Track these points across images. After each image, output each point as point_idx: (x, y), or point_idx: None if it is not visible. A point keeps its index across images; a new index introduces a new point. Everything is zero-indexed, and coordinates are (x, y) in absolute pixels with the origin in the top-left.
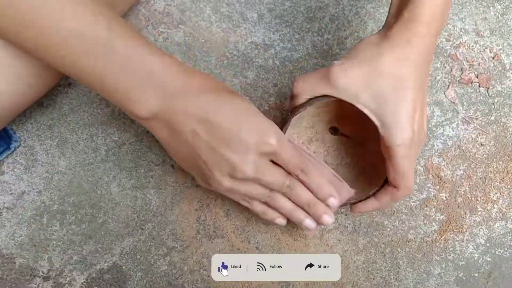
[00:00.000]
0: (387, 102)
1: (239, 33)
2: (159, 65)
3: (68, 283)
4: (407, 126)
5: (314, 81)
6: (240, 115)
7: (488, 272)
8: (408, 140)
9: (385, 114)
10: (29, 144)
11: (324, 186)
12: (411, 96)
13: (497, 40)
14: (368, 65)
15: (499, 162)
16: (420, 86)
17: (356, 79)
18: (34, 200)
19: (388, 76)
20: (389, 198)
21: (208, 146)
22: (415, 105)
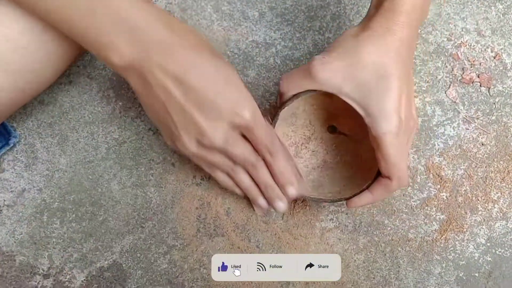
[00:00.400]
0: (371, 91)
1: (240, 32)
2: (134, 10)
3: (68, 281)
4: (393, 114)
5: (297, 77)
6: (220, 80)
7: (488, 272)
8: (395, 127)
9: (369, 103)
10: (30, 141)
11: (287, 172)
12: (395, 83)
13: (499, 40)
14: (348, 56)
15: (500, 162)
16: (405, 74)
17: (337, 71)
18: (34, 197)
19: (370, 65)
20: (383, 190)
21: (180, 107)
22: (400, 92)
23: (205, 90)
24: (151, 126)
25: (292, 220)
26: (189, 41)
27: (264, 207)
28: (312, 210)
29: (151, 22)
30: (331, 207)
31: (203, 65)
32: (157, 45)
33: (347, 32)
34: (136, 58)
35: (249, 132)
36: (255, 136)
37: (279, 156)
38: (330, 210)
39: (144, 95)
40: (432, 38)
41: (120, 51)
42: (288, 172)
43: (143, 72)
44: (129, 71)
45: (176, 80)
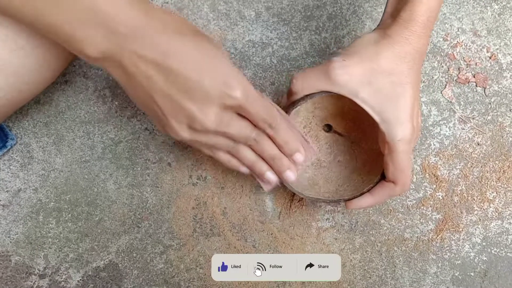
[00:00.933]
0: (388, 99)
1: (237, 31)
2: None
3: (64, 281)
4: (408, 122)
5: (313, 77)
6: (204, 61)
7: (484, 271)
8: (409, 135)
9: (385, 110)
10: (25, 141)
11: (291, 141)
12: (409, 92)
13: (494, 40)
14: (368, 62)
15: (496, 162)
16: (416, 82)
17: (356, 75)
18: (30, 197)
19: (388, 73)
20: (387, 194)
21: (165, 93)
22: (414, 101)
23: (189, 72)
24: (147, 126)
25: (289, 219)
26: (167, 24)
27: (273, 180)
28: (309, 209)
29: (123, 9)
30: (327, 207)
31: (184, 47)
32: (131, 32)
33: (366, 38)
34: (111, 48)
35: (243, 110)
36: (251, 113)
37: (280, 126)
38: (326, 210)
39: (127, 84)
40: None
41: (94, 43)
42: (292, 140)
43: (121, 62)
44: (107, 62)
45: (157, 66)
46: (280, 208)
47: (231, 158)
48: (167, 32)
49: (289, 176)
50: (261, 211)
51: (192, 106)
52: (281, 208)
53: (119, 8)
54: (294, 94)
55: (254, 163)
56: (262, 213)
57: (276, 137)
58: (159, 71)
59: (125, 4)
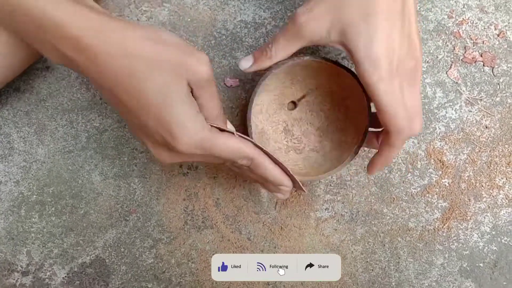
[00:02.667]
0: (358, 34)
1: (228, 11)
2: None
3: (49, 278)
4: (381, 58)
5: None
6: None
7: (493, 262)
8: (386, 73)
9: (357, 48)
10: (5, 131)
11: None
12: (382, 23)
13: (503, 17)
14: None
15: (505, 146)
16: (395, 10)
17: (323, 15)
18: (11, 190)
19: (355, 7)
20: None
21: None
22: (390, 32)
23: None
24: None
25: (285, 210)
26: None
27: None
28: (307, 199)
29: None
30: (326, 196)
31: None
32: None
33: None
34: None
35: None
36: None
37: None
38: (325, 199)
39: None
40: (432, 15)
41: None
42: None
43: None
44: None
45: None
46: (276, 198)
47: None
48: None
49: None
50: (256, 201)
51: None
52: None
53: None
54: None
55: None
56: (257, 203)
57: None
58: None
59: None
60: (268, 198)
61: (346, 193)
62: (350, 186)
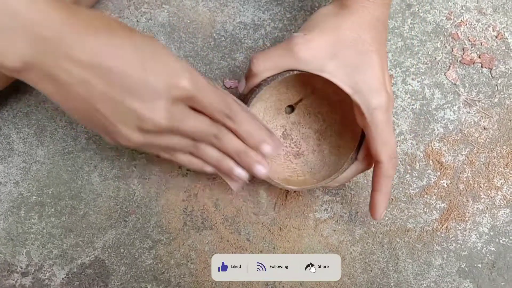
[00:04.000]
0: (356, 68)
1: (227, 13)
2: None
3: (48, 279)
4: (381, 89)
5: (275, 56)
6: (144, 55)
7: (492, 263)
8: (385, 102)
9: (356, 81)
10: (5, 132)
11: (255, 132)
12: (376, 59)
13: (501, 18)
14: (330, 35)
15: (503, 147)
16: (382, 50)
17: (320, 49)
18: (11, 191)
19: (352, 43)
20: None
21: (107, 97)
22: (383, 68)
23: (129, 69)
24: None
25: (284, 211)
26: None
27: (243, 177)
28: (305, 200)
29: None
30: (325, 196)
31: (121, 43)
32: (58, 34)
33: (324, 10)
34: (36, 56)
35: (195, 101)
36: (204, 104)
37: (240, 117)
38: (324, 200)
39: (60, 96)
40: (430, 17)
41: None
42: (256, 130)
43: (50, 70)
44: (30, 72)
45: (93, 68)
46: (275, 199)
47: (193, 158)
48: (99, 32)
49: (260, 170)
50: (255, 202)
51: (138, 105)
52: (277, 199)
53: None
54: (254, 76)
55: (219, 161)
56: (256, 204)
57: (237, 129)
58: (97, 74)
59: (47, 7)
60: (267, 199)
61: (345, 194)
62: (349, 187)
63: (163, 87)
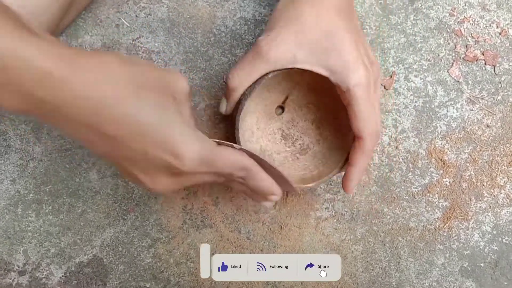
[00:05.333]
0: (326, 50)
1: (227, 8)
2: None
3: (46, 278)
4: (357, 65)
5: (247, 65)
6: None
7: (494, 262)
8: (364, 77)
9: (329, 62)
10: (2, 129)
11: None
12: (345, 35)
13: (504, 15)
14: (293, 26)
15: (506, 145)
16: (352, 26)
17: (286, 42)
18: (7, 189)
19: (316, 28)
20: (360, 154)
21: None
22: (355, 42)
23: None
24: None
25: (285, 209)
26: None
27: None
28: (306, 198)
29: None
30: (326, 195)
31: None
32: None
33: (280, 6)
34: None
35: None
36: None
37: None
38: (325, 198)
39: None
40: (433, 13)
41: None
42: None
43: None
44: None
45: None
46: (262, 207)
47: None
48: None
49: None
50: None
51: (138, 173)
52: None
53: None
54: (233, 91)
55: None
56: (256, 202)
57: (247, 185)
58: (98, 136)
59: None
60: None
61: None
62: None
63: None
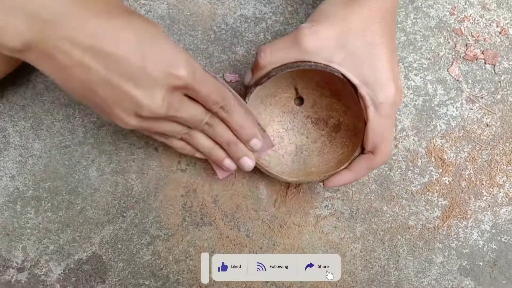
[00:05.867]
0: (364, 60)
1: (228, 5)
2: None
3: (44, 274)
4: (389, 83)
5: (283, 48)
6: (143, 41)
7: (493, 260)
8: (392, 97)
9: (364, 73)
10: (1, 125)
11: (247, 126)
12: (385, 52)
13: (504, 14)
14: (338, 26)
15: (506, 144)
16: (392, 43)
17: (328, 40)
18: (6, 185)
19: (361, 35)
20: (365, 166)
21: (105, 81)
22: (392, 61)
23: (128, 55)
24: None
25: (285, 207)
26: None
27: (231, 168)
28: (306, 196)
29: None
30: (326, 193)
31: (121, 28)
32: (57, 16)
33: (332, 1)
34: (36, 37)
35: (192, 91)
36: (201, 94)
37: (234, 109)
38: (325, 196)
39: (59, 77)
40: (433, 12)
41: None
42: (248, 125)
43: (50, 52)
44: (33, 54)
45: (92, 51)
46: (275, 195)
47: (186, 145)
48: (99, 14)
49: (246, 162)
50: (255, 198)
51: (136, 92)
52: (277, 195)
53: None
54: (261, 68)
55: (210, 150)
56: (256, 200)
57: (230, 121)
58: (96, 58)
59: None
60: (267, 195)
61: (346, 190)
62: (350, 184)
63: (161, 76)
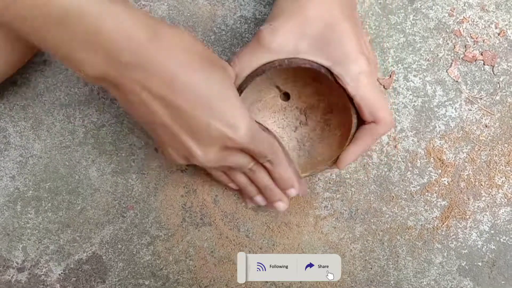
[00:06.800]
0: (328, 41)
1: (228, 7)
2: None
3: (44, 274)
4: (359, 54)
5: (248, 53)
6: (212, 100)
7: (492, 261)
8: (366, 66)
9: (331, 53)
10: (1, 125)
11: (288, 178)
12: (347, 26)
13: (503, 15)
14: (296, 17)
15: (505, 145)
16: (352, 20)
17: (289, 33)
18: (7, 186)
19: (319, 18)
20: (369, 135)
21: (166, 127)
22: (356, 33)
23: (196, 112)
24: None
25: None
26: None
27: (261, 204)
28: (305, 197)
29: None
30: (325, 193)
31: (193, 81)
32: (135, 60)
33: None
34: (111, 73)
35: (246, 150)
36: (254, 152)
37: (279, 162)
38: (324, 196)
39: (124, 105)
40: (432, 13)
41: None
42: (289, 175)
43: (122, 87)
44: (106, 82)
45: (163, 101)
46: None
47: (223, 174)
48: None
49: (280, 206)
50: None
51: (193, 145)
52: None
53: (123, 31)
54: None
55: (245, 186)
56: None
57: (273, 172)
58: (165, 107)
59: (131, 26)
60: None
61: (345, 190)
62: (349, 184)
63: (219, 137)
